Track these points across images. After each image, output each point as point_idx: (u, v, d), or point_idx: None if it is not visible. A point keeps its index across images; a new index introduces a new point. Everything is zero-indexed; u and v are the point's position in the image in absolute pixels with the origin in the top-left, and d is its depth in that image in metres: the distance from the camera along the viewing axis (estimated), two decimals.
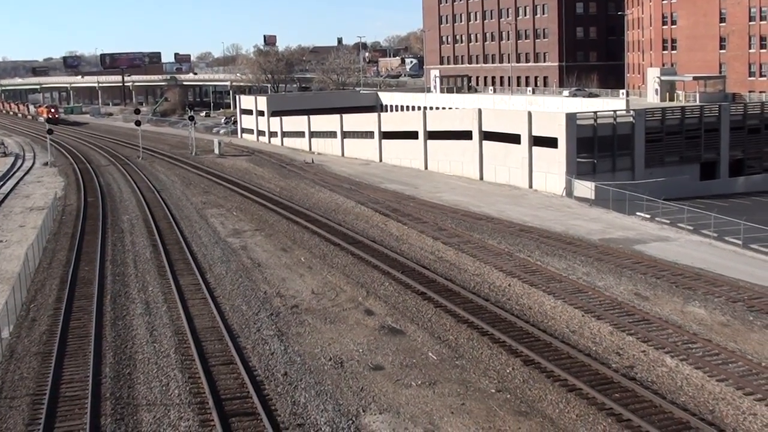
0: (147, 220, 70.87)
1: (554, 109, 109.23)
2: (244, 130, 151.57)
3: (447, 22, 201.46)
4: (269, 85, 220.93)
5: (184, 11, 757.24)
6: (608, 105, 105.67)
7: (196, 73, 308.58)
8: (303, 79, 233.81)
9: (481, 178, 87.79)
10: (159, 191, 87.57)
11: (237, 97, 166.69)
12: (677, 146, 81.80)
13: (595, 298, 43.62)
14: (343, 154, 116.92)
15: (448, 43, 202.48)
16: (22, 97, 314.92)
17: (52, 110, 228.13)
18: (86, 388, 33.85)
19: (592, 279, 47.29)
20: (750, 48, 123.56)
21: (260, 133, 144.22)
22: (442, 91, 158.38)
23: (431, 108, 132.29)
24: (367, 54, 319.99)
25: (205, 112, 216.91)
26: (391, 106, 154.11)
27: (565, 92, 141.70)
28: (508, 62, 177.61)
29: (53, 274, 53.81)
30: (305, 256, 56.28)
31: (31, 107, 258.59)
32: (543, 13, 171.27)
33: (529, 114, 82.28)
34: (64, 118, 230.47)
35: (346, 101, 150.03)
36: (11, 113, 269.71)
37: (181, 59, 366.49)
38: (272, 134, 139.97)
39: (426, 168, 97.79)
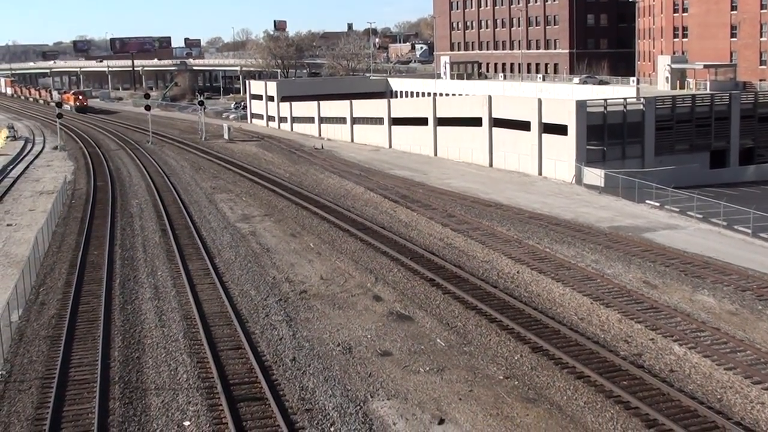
0: (156, 204, 71.00)
1: (564, 97, 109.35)
2: (253, 116, 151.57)
3: (457, 8, 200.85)
4: (279, 71, 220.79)
5: None
6: (618, 92, 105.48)
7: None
8: (313, 64, 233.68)
9: (491, 164, 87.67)
10: (168, 176, 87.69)
11: (247, 82, 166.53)
12: (687, 134, 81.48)
13: (603, 286, 43.59)
14: (352, 140, 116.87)
15: (458, 30, 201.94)
16: (33, 81, 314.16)
17: (80, 97, 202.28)
18: (95, 371, 33.98)
19: (601, 266, 47.25)
20: (761, 36, 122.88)
21: (270, 118, 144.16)
22: (452, 78, 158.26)
23: (441, 94, 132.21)
24: (377, 40, 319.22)
25: (205, 95, 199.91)
26: (401, 92, 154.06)
27: (576, 79, 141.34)
28: (519, 49, 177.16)
29: (62, 258, 53.97)
30: (314, 241, 56.33)
31: (55, 93, 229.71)
32: (554, 0, 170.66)
33: (539, 101, 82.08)
34: (92, 105, 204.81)
35: (356, 87, 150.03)
36: (30, 99, 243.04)
37: (191, 44, 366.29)
38: (282, 120, 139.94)
39: (435, 154, 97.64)
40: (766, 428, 28.24)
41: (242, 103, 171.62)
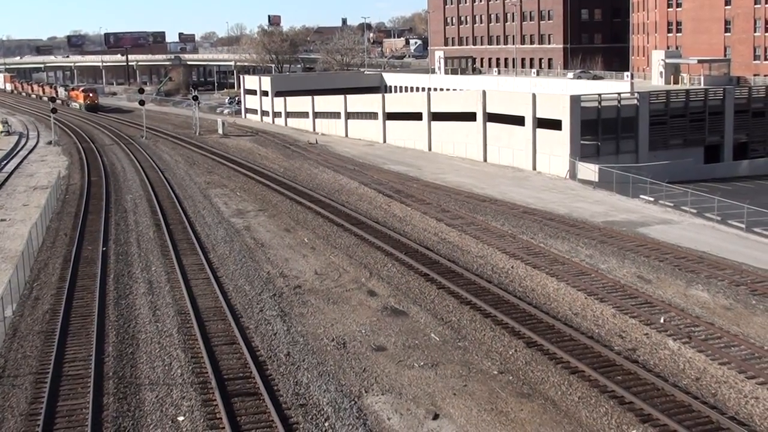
0: (150, 199, 70.89)
1: (558, 91, 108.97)
2: (248, 111, 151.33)
3: (452, 3, 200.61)
4: (273, 66, 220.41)
5: None
6: (612, 87, 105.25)
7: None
8: (307, 59, 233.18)
9: (485, 159, 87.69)
10: (162, 171, 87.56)
11: (241, 77, 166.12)
12: (681, 129, 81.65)
13: (598, 281, 43.62)
14: (347, 135, 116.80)
15: (452, 25, 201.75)
16: (27, 76, 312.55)
17: (91, 94, 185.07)
18: (89, 367, 33.95)
19: (595, 261, 47.28)
20: (755, 31, 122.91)
21: (264, 113, 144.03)
22: (446, 73, 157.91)
23: (435, 89, 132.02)
24: (371, 35, 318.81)
25: (199, 90, 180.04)
26: (396, 87, 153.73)
27: (570, 74, 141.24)
28: (513, 44, 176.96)
29: (56, 253, 53.88)
30: (308, 236, 56.29)
31: (61, 90, 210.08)
32: None
33: (534, 96, 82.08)
34: (104, 104, 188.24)
35: (350, 82, 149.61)
36: (33, 96, 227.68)
37: (186, 39, 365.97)
38: (276, 114, 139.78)
39: (430, 149, 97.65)
40: (761, 423, 28.28)
41: (236, 98, 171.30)
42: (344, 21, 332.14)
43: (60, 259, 52.02)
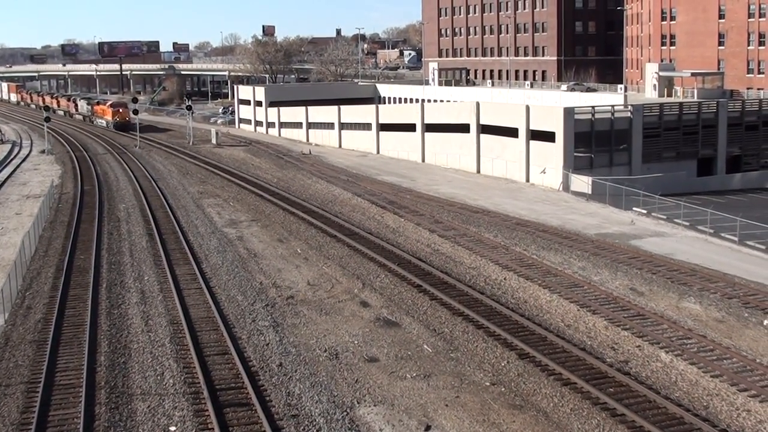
0: (143, 209, 70.80)
1: (552, 104, 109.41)
2: (241, 121, 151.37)
3: (446, 15, 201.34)
4: (267, 76, 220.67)
5: (183, 0, 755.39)
6: (606, 100, 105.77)
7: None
8: (301, 69, 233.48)
9: (479, 171, 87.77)
10: (156, 180, 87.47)
11: (235, 87, 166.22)
12: (675, 142, 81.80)
13: (590, 293, 43.65)
14: (340, 146, 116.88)
15: (446, 36, 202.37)
16: (21, 84, 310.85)
17: (121, 110, 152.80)
18: (81, 376, 33.84)
19: (588, 273, 47.32)
20: (749, 45, 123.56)
21: (258, 123, 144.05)
22: (440, 84, 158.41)
23: (429, 101, 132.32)
24: (365, 46, 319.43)
25: (193, 100, 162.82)
26: (389, 98, 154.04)
27: (563, 86, 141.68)
28: (507, 56, 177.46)
29: (49, 262, 53.76)
30: (301, 247, 56.26)
31: (82, 103, 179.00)
32: (542, 7, 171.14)
33: (527, 108, 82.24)
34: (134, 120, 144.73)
35: (344, 93, 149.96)
36: (40, 106, 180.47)
37: (180, 48, 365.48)
38: (270, 125, 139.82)
39: (423, 160, 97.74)
40: None
41: (230, 108, 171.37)
42: (338, 32, 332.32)
43: (52, 268, 51.92)
